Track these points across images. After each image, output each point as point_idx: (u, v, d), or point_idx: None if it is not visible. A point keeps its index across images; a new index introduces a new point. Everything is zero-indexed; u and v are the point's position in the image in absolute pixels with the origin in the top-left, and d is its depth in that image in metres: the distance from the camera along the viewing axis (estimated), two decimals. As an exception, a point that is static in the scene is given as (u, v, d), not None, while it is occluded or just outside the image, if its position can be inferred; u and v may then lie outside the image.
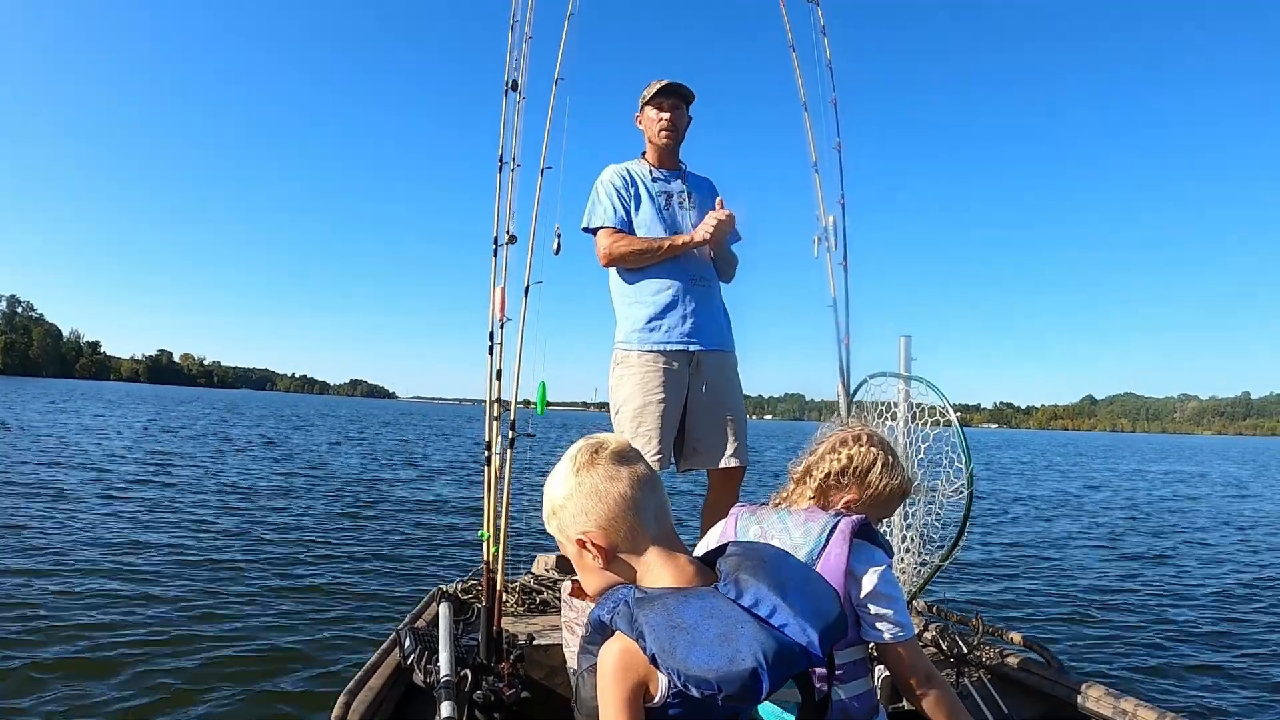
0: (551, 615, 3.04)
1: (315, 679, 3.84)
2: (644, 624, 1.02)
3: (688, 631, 1.00)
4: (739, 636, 0.99)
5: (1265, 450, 69.82)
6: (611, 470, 1.15)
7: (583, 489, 1.15)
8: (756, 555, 1.15)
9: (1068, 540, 9.77)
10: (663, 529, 1.16)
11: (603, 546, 1.14)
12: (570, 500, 1.16)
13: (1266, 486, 21.15)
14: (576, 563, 1.20)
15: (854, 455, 1.67)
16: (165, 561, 6.02)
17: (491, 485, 2.64)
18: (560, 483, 1.18)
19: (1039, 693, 2.57)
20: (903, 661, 1.52)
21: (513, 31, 2.87)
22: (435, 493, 11.98)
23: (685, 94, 3.03)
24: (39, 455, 12.95)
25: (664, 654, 0.99)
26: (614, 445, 1.18)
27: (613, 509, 1.13)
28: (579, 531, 1.15)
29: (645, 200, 3.00)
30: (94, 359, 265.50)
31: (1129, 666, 4.68)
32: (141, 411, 34.49)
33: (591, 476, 1.15)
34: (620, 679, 1.05)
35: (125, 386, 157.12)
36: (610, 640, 1.08)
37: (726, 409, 2.94)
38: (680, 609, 1.03)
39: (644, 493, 1.15)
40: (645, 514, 1.14)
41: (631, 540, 1.14)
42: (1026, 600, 6.37)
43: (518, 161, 2.80)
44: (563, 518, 1.17)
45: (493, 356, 2.69)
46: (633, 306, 2.95)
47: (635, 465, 1.17)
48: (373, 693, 2.28)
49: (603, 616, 1.09)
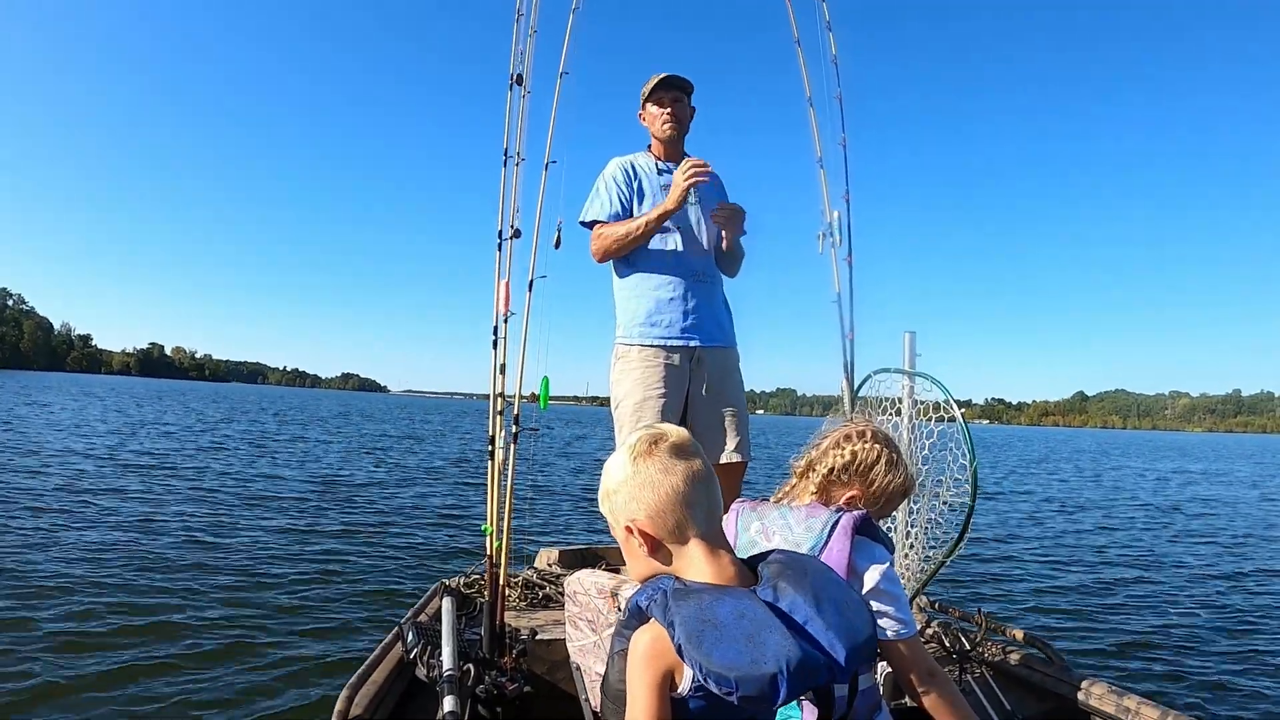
0: (554, 610, 3.04)
1: (318, 673, 3.84)
2: (676, 614, 1.04)
3: (717, 627, 1.01)
4: (766, 640, 1.00)
5: (1265, 448, 70.11)
6: (667, 463, 1.16)
7: (637, 477, 1.17)
8: (800, 565, 1.16)
9: (1071, 537, 9.81)
10: (711, 527, 1.17)
11: (650, 535, 1.16)
12: (624, 487, 1.18)
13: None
14: (623, 547, 1.22)
15: (857, 451, 1.67)
16: (166, 556, 6.01)
17: (495, 480, 2.63)
18: (617, 468, 1.20)
19: (1042, 689, 2.58)
20: (905, 658, 1.51)
21: (518, 25, 2.86)
22: (438, 487, 11.98)
23: (685, 86, 3.02)
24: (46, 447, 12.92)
25: (690, 645, 1.01)
26: (674, 438, 1.19)
27: (663, 500, 1.15)
28: (628, 518, 1.17)
29: (649, 194, 2.99)
30: (85, 352, 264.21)
31: (1132, 664, 4.69)
32: (129, 403, 34.33)
33: (647, 467, 1.16)
34: (649, 665, 1.07)
35: (116, 379, 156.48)
36: (644, 627, 1.10)
37: (727, 404, 2.93)
38: (714, 605, 1.05)
39: (696, 489, 1.16)
40: (695, 509, 1.15)
41: (678, 533, 1.15)
42: (1029, 597, 6.39)
43: (522, 155, 2.80)
44: (615, 502, 1.19)
45: (496, 351, 2.68)
46: (633, 301, 2.95)
47: (692, 460, 1.18)
48: (376, 686, 2.28)
49: (640, 602, 1.11)
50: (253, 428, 24.61)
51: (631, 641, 1.10)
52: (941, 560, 2.65)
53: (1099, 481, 20.02)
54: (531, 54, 2.86)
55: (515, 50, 2.84)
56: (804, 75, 3.36)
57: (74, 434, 16.68)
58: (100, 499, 8.44)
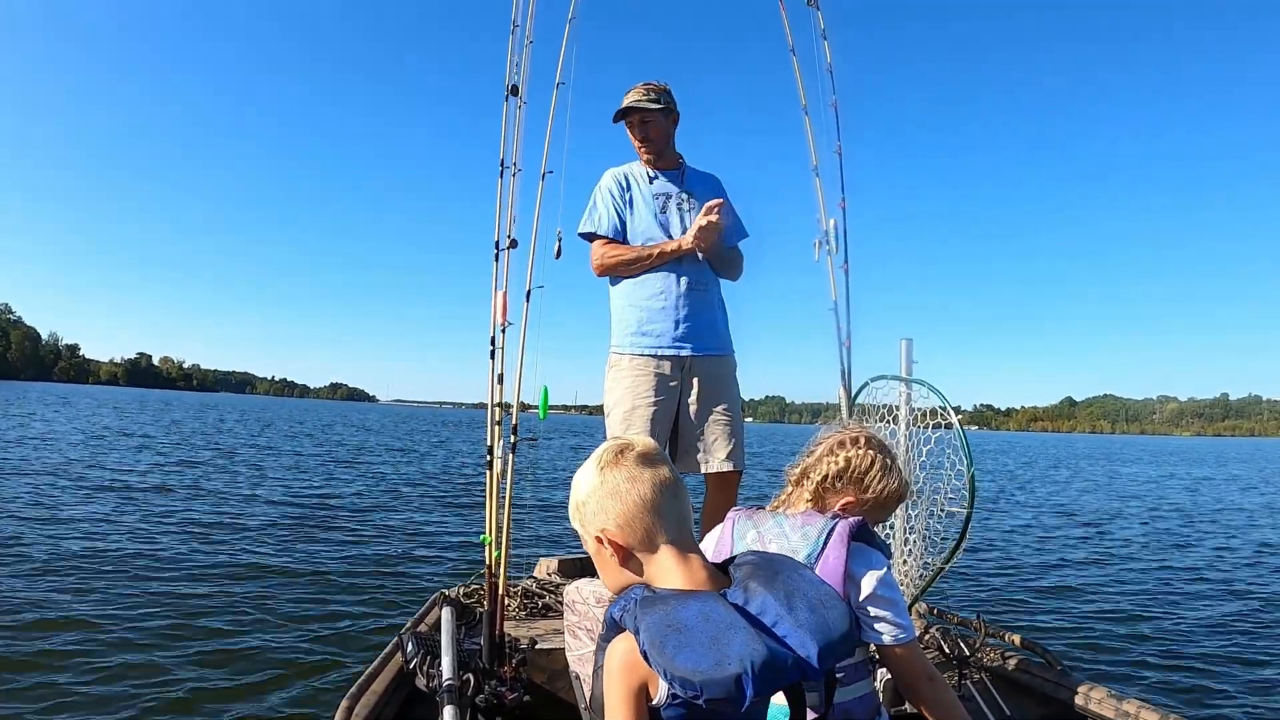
0: (553, 619, 3.04)
1: (318, 683, 3.82)
2: (642, 622, 1.04)
3: (680, 631, 1.01)
4: (730, 641, 0.99)
5: (1259, 451, 70.37)
6: (634, 471, 1.17)
7: (604, 487, 1.17)
8: (770, 565, 1.17)
9: (1068, 541, 9.82)
10: (681, 534, 1.17)
11: (619, 544, 1.16)
12: (592, 497, 1.18)
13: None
14: (595, 558, 1.23)
15: (851, 458, 1.67)
16: (165, 566, 5.97)
17: (493, 489, 2.63)
18: (585, 479, 1.21)
19: (1041, 694, 2.59)
20: (904, 663, 1.51)
21: (513, 36, 2.87)
22: (436, 496, 11.93)
23: (646, 107, 2.95)
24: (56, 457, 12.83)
25: (654, 651, 1.00)
26: (640, 447, 1.20)
27: (631, 509, 1.15)
28: (598, 528, 1.17)
29: (640, 204, 3.00)
30: (73, 362, 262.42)
31: (1132, 669, 4.69)
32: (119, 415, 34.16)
33: (614, 476, 1.17)
34: (622, 676, 1.06)
35: (104, 390, 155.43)
36: (618, 638, 1.09)
37: (720, 413, 2.93)
38: (679, 609, 1.04)
39: (664, 496, 1.16)
40: (664, 517, 1.15)
41: (648, 541, 1.15)
42: (1028, 602, 6.38)
43: (519, 166, 2.80)
44: (584, 513, 1.20)
45: (494, 361, 2.68)
46: (626, 310, 2.96)
47: (659, 469, 1.18)
48: (375, 697, 2.28)
49: (614, 614, 1.10)
50: (246, 439, 24.49)
51: (606, 654, 1.10)
52: (940, 566, 2.66)
53: (1096, 486, 20.09)
54: (528, 64, 2.87)
55: (511, 61, 2.85)
56: (799, 83, 3.38)
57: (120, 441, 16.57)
58: (108, 498, 8.39)
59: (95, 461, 13.39)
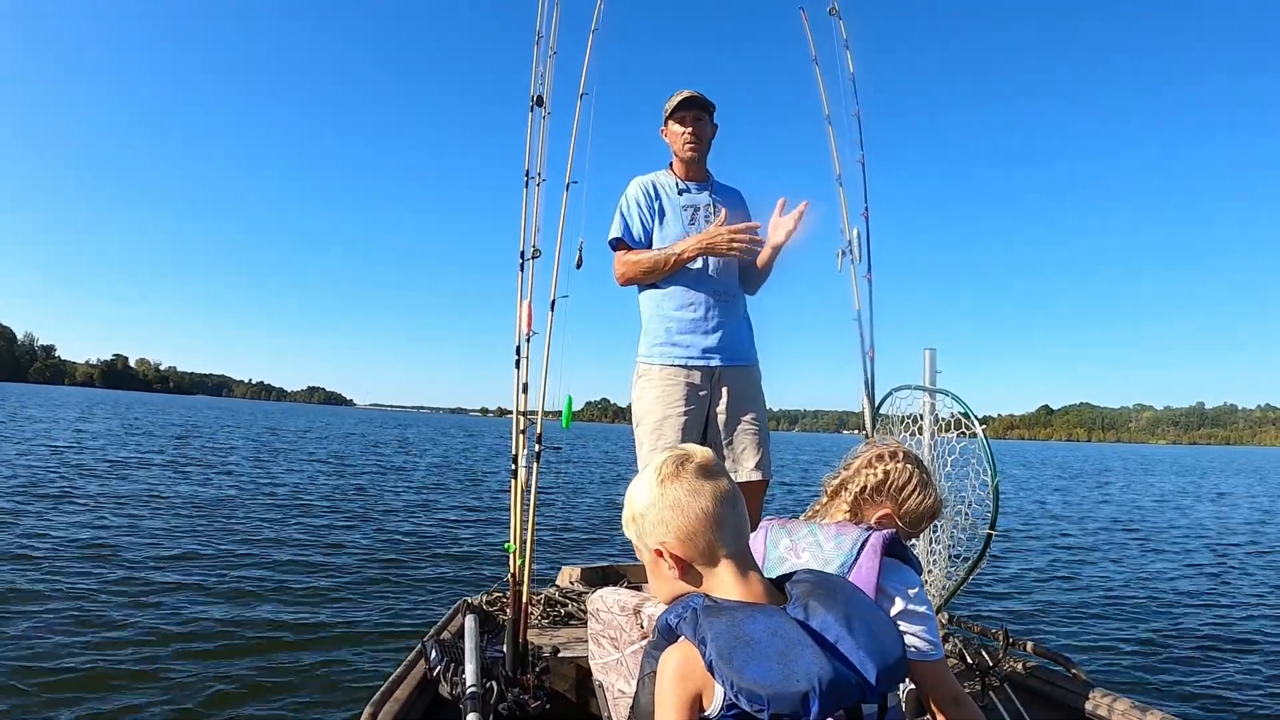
0: (576, 628, 3.04)
1: (341, 689, 3.84)
2: (708, 631, 1.03)
3: (749, 644, 1.00)
4: (798, 657, 0.99)
5: (1248, 461, 69.48)
6: (695, 484, 1.14)
7: (665, 500, 1.15)
8: (829, 585, 1.15)
9: (1092, 552, 9.74)
10: (740, 546, 1.16)
11: (679, 558, 1.15)
12: (651, 510, 1.16)
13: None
14: (651, 570, 1.21)
15: (890, 471, 1.68)
16: (190, 573, 6.00)
17: (518, 498, 2.65)
18: (643, 491, 1.18)
19: (1064, 705, 2.57)
20: (931, 681, 1.50)
21: (538, 47, 2.89)
22: (459, 504, 11.94)
23: (707, 105, 3.02)
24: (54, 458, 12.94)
25: (722, 662, 1.00)
26: (699, 459, 1.18)
27: (693, 523, 1.13)
28: (657, 541, 1.16)
29: (670, 214, 2.99)
30: (48, 363, 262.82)
31: (1155, 679, 4.64)
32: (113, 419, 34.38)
33: (675, 489, 1.14)
34: (678, 684, 1.06)
35: (81, 391, 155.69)
36: (674, 645, 1.09)
37: (748, 422, 2.94)
38: (746, 622, 1.04)
39: (725, 509, 1.14)
40: (724, 530, 1.14)
41: (708, 554, 1.14)
42: (1051, 612, 6.33)
43: (543, 176, 2.82)
44: (642, 526, 1.17)
45: (519, 370, 2.70)
46: (656, 320, 2.96)
47: (719, 480, 1.16)
48: (398, 704, 2.29)
49: (670, 621, 1.10)
50: (258, 440, 24.61)
51: (660, 660, 1.09)
52: (964, 577, 2.65)
53: (1110, 497, 19.88)
54: (551, 75, 2.89)
55: (535, 72, 2.87)
56: (822, 93, 3.39)
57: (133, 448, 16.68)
58: (124, 503, 8.46)
59: (123, 475, 13.45)
